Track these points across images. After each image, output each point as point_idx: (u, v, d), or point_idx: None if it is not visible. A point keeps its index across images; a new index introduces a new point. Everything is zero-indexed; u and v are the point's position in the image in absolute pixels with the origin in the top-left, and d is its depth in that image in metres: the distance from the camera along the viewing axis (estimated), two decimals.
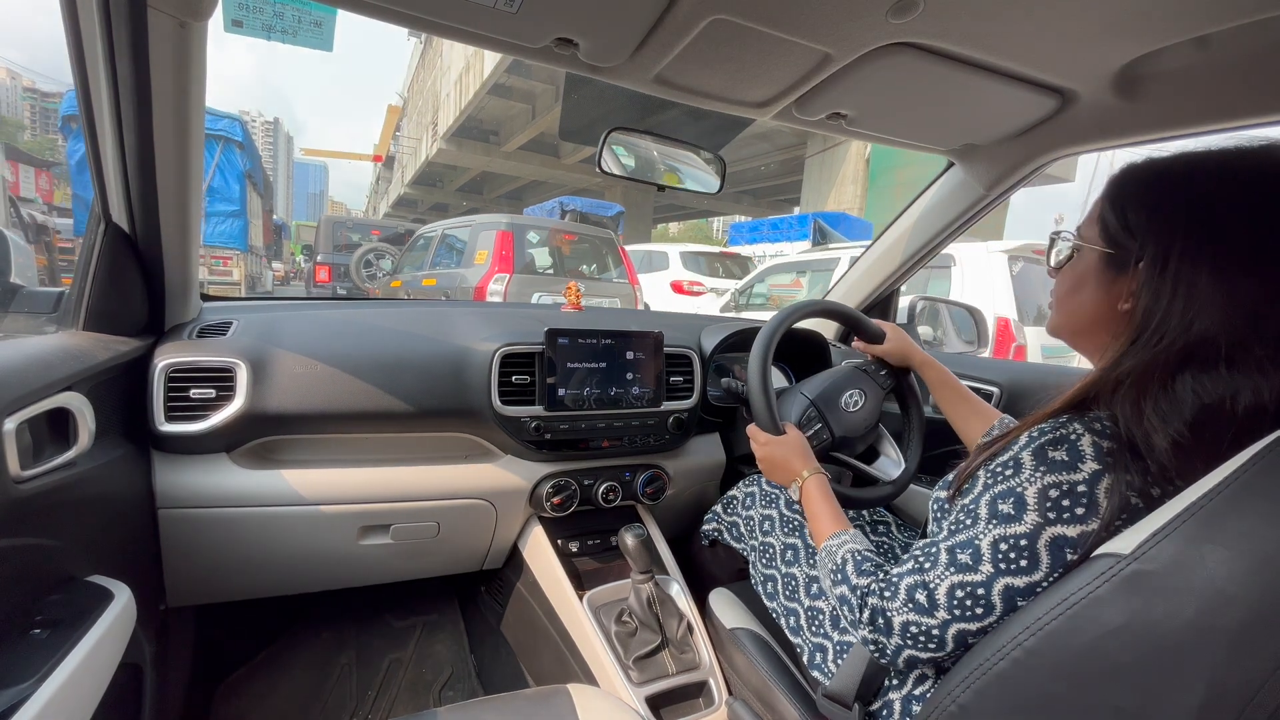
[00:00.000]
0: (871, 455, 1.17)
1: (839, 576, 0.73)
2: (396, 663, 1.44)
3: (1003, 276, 3.52)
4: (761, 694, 0.94)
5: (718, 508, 1.23)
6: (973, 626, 0.60)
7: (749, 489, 1.17)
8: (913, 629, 0.63)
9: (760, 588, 1.05)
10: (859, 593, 0.69)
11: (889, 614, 0.65)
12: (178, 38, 0.74)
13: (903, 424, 1.14)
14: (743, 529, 1.14)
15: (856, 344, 1.17)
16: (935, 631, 0.62)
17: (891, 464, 1.13)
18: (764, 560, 1.05)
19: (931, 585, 0.62)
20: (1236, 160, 0.58)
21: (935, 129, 1.13)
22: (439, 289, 5.71)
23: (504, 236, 5.31)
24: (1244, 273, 0.54)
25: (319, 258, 10.10)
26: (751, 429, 0.99)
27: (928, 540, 0.66)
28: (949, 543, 0.63)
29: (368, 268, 8.89)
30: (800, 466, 0.90)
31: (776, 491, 1.12)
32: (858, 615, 0.69)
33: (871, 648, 0.68)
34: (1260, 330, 0.53)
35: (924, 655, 0.64)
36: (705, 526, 1.24)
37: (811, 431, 1.05)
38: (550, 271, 5.64)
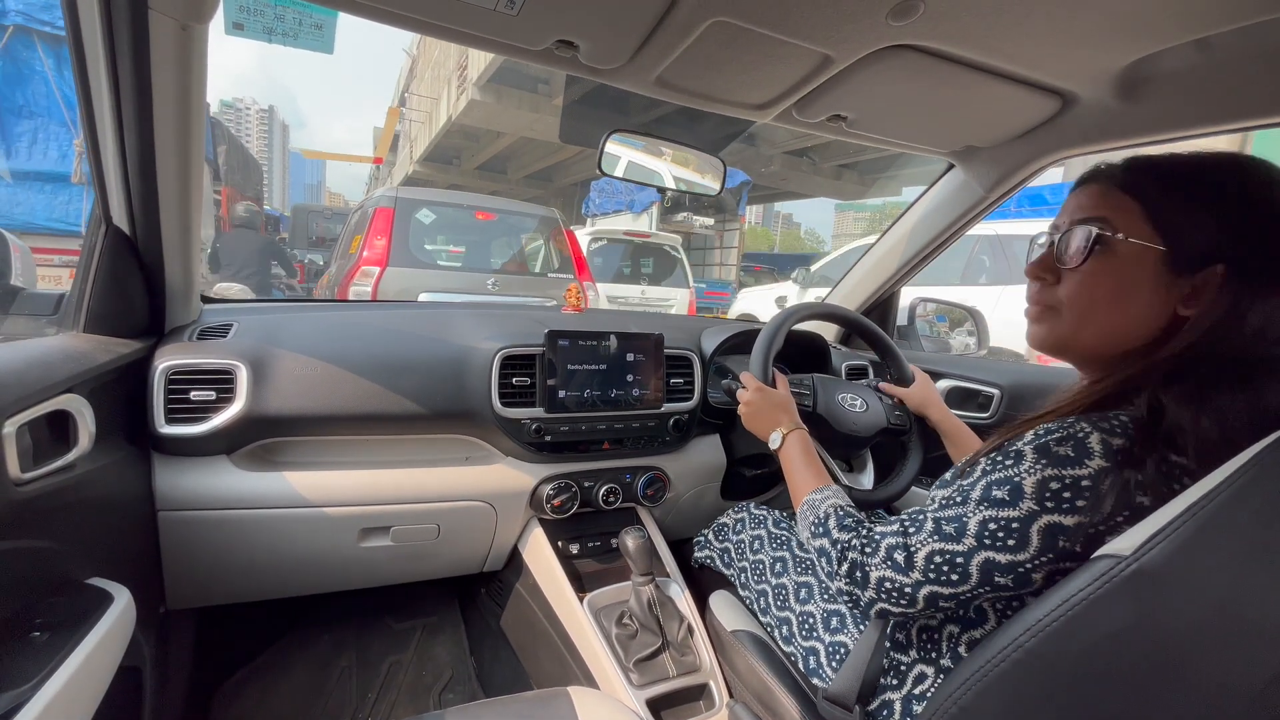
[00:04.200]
0: (846, 469, 1.18)
1: (820, 529, 0.75)
2: (396, 665, 1.43)
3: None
4: (762, 696, 0.94)
5: (709, 533, 1.23)
6: (945, 590, 0.62)
7: (739, 515, 1.18)
8: (887, 584, 0.65)
9: (753, 605, 1.06)
10: (840, 546, 0.71)
11: (867, 568, 0.67)
12: (179, 40, 0.74)
13: (897, 459, 1.16)
14: (733, 553, 1.14)
15: (884, 385, 1.20)
16: (908, 590, 0.64)
17: (866, 482, 1.14)
18: (755, 578, 1.06)
19: (912, 548, 0.64)
20: None
21: (936, 131, 1.13)
22: (330, 286, 4.32)
23: (383, 216, 3.71)
24: None
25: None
26: (744, 375, 1.03)
27: (917, 508, 0.67)
28: (937, 514, 0.64)
29: None
30: (784, 419, 0.93)
31: (764, 513, 1.14)
32: (836, 567, 0.71)
33: (845, 598, 0.71)
34: None
35: (895, 609, 0.66)
36: (698, 553, 1.24)
37: (797, 394, 1.08)
38: (454, 265, 4.06)
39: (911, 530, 0.65)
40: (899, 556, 0.65)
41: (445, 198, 4.49)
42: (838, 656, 0.85)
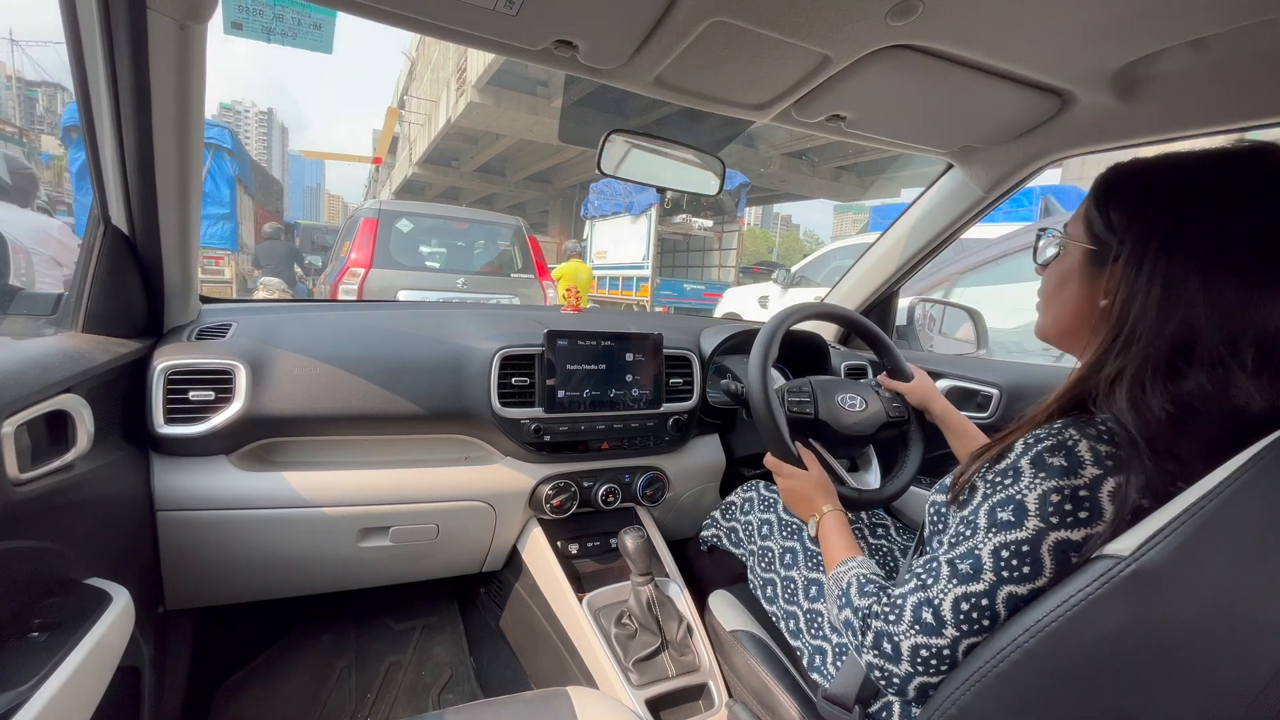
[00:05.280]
0: (851, 468, 1.18)
1: (843, 600, 0.72)
2: (395, 665, 1.43)
3: None
4: (761, 696, 0.94)
5: (716, 514, 1.23)
6: (981, 640, 0.59)
7: (747, 494, 1.17)
8: (923, 653, 0.61)
9: (759, 592, 1.05)
10: (861, 614, 0.68)
11: (896, 639, 0.63)
12: (178, 40, 0.74)
13: (899, 453, 1.15)
14: (741, 534, 1.14)
15: (883, 379, 1.18)
16: (946, 652, 0.60)
17: (873, 480, 1.14)
18: (763, 564, 1.05)
19: (936, 601, 0.61)
20: (1220, 161, 0.58)
21: (934, 131, 1.13)
22: (325, 282, 5.37)
23: (368, 225, 4.61)
24: (1222, 273, 0.54)
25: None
26: (771, 461, 0.98)
27: (928, 556, 0.65)
28: (949, 555, 0.62)
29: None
30: (821, 502, 0.90)
31: (774, 496, 1.12)
32: (861, 639, 0.66)
33: (877, 674, 0.65)
34: (1242, 330, 0.53)
35: (936, 680, 0.61)
36: (704, 533, 1.24)
37: (797, 402, 1.06)
38: (433, 265, 4.89)
39: (930, 581, 0.62)
40: (927, 616, 0.61)
41: (422, 209, 5.35)
42: (844, 657, 0.85)
